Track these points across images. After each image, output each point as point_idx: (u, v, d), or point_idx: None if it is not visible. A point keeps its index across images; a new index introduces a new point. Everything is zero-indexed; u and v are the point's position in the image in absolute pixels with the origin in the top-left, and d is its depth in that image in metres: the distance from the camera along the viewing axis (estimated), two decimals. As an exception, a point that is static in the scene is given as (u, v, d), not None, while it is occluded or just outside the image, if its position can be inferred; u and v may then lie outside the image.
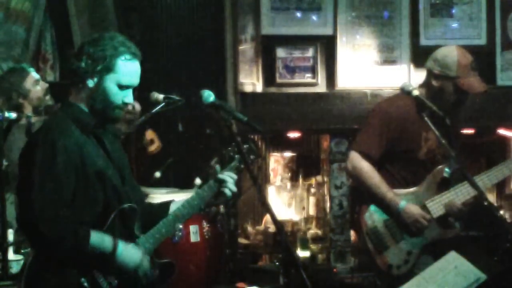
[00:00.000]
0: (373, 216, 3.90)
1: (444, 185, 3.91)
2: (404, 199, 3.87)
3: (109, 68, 2.86)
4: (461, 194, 3.86)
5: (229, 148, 3.13)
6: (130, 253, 2.84)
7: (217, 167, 3.09)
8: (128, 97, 2.92)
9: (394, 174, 3.96)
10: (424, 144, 3.91)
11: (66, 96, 2.97)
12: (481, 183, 3.79)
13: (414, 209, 3.83)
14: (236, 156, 3.10)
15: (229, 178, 3.06)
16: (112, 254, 2.79)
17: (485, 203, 3.54)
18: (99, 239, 2.78)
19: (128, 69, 2.89)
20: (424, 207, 3.87)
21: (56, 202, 2.73)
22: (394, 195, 3.85)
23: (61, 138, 2.80)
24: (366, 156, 3.88)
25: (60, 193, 2.75)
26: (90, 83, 2.87)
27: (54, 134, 2.81)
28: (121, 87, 2.89)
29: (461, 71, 3.83)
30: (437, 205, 3.87)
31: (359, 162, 3.88)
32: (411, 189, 3.93)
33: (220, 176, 3.06)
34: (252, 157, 3.13)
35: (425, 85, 3.95)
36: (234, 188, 3.06)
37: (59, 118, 2.93)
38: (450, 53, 3.88)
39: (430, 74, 3.92)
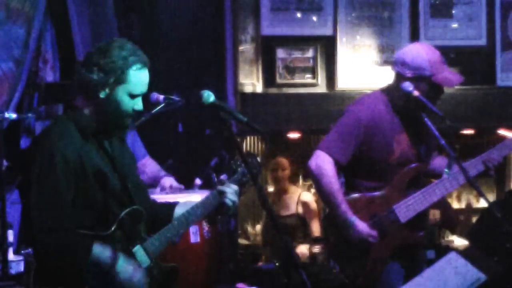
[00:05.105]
0: None
1: (413, 187, 3.83)
2: (373, 204, 3.81)
3: (121, 80, 2.85)
4: (429, 196, 3.79)
5: (233, 161, 3.21)
6: (127, 268, 2.82)
7: (223, 179, 3.13)
8: (138, 104, 2.92)
9: (364, 181, 3.86)
10: (396, 147, 3.81)
11: (69, 98, 2.97)
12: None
13: (362, 227, 3.74)
14: (239, 169, 3.16)
15: (230, 189, 3.07)
16: (110, 267, 2.79)
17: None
18: (100, 252, 2.78)
19: (139, 79, 2.89)
20: (392, 212, 3.78)
21: (55, 212, 2.72)
22: (347, 208, 3.75)
23: (61, 145, 2.79)
24: (333, 160, 3.78)
25: (59, 203, 2.74)
26: (102, 94, 2.87)
27: (53, 142, 2.80)
28: (132, 96, 2.89)
29: (435, 68, 3.74)
30: (405, 209, 3.78)
31: (323, 163, 3.78)
32: (380, 193, 3.82)
33: (221, 187, 3.08)
34: (254, 171, 3.14)
35: (394, 88, 3.85)
36: (235, 199, 3.07)
37: (60, 122, 2.92)
38: (419, 53, 3.77)
39: (400, 77, 3.80)
